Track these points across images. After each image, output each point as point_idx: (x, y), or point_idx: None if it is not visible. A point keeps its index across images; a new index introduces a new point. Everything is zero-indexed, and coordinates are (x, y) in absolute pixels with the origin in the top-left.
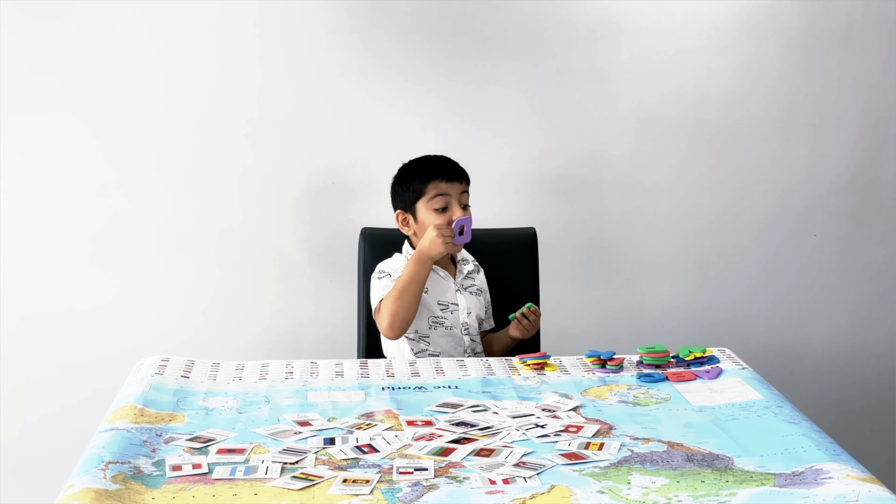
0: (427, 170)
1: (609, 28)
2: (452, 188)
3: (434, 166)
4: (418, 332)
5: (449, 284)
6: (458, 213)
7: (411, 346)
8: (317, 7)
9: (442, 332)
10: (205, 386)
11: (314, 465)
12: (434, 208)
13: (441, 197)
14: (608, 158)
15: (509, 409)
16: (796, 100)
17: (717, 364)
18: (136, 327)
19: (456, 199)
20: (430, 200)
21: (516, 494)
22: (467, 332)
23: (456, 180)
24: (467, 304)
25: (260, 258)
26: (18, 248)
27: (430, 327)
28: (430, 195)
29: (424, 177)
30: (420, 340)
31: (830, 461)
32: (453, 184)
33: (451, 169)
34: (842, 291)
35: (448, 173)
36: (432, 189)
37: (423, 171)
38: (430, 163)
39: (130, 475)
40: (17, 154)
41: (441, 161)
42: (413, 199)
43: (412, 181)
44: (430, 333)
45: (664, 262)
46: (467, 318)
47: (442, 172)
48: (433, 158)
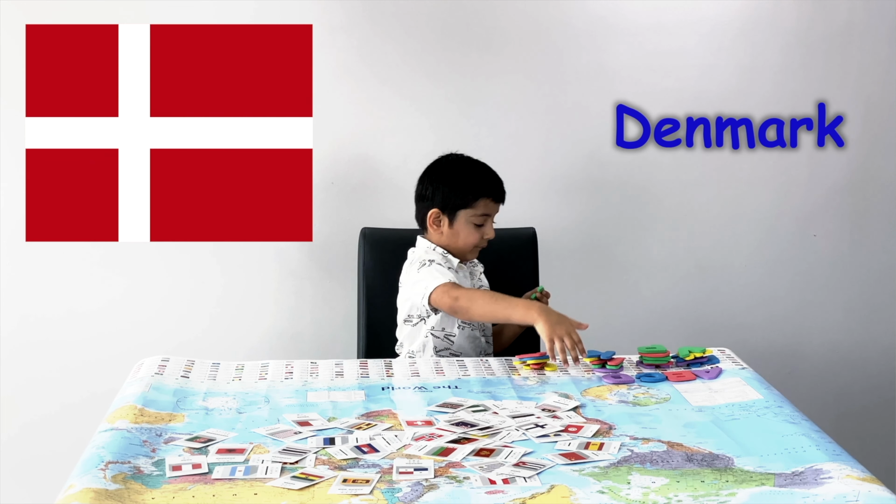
0: (482, 184)
1: (609, 28)
2: (495, 209)
3: (490, 183)
4: (445, 329)
5: (468, 283)
6: (491, 232)
7: (435, 344)
8: (316, 6)
9: (468, 333)
10: (205, 386)
11: (314, 465)
12: (475, 223)
13: (485, 216)
14: (608, 158)
15: (509, 409)
16: (796, 100)
17: (717, 364)
18: (137, 328)
19: (492, 218)
20: (474, 215)
21: (516, 494)
22: (483, 332)
23: (501, 202)
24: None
25: (260, 258)
26: (19, 248)
27: (458, 327)
28: (477, 211)
29: (479, 191)
30: (445, 339)
31: (830, 461)
32: (498, 205)
33: (501, 190)
34: (842, 291)
35: (499, 194)
36: (482, 206)
37: (479, 185)
38: (487, 177)
39: (130, 475)
40: (16, 154)
41: (496, 179)
42: (458, 206)
43: (464, 188)
44: (457, 333)
45: (664, 262)
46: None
47: (495, 192)
48: (489, 173)
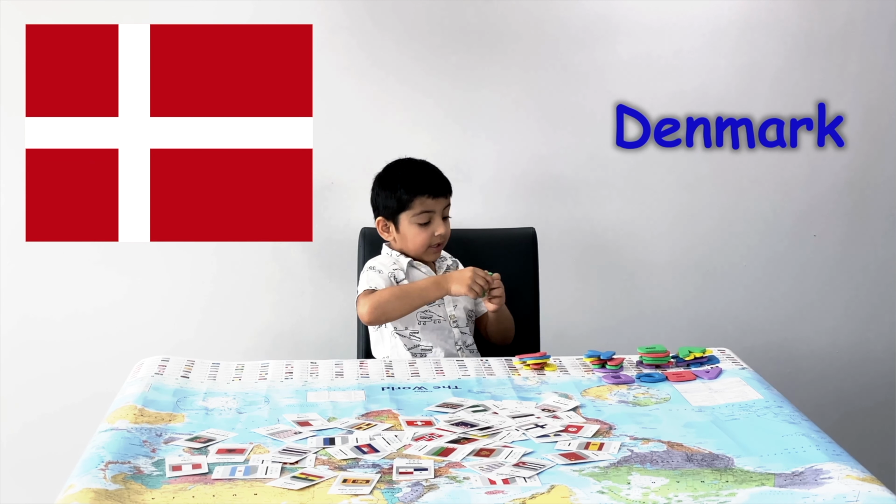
0: (414, 183)
1: (609, 28)
2: (438, 204)
3: (421, 180)
4: (408, 328)
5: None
6: (441, 228)
7: (404, 343)
8: (316, 6)
9: (431, 327)
10: (205, 386)
11: (314, 465)
12: (418, 223)
13: (426, 213)
14: (608, 158)
15: (509, 409)
16: (796, 100)
17: (717, 364)
18: (137, 328)
19: (439, 214)
20: (415, 215)
21: (516, 494)
22: (456, 324)
23: (441, 195)
24: (453, 297)
25: (260, 258)
26: (19, 248)
27: (419, 322)
28: (415, 210)
29: (411, 190)
30: (412, 336)
31: (830, 461)
32: (439, 199)
33: (438, 184)
34: (842, 291)
35: (435, 189)
36: (418, 205)
37: (410, 184)
38: (417, 175)
39: (130, 475)
40: (16, 154)
41: (427, 173)
42: (396, 210)
43: (397, 191)
44: (420, 329)
45: (664, 262)
46: (454, 310)
47: (429, 188)
48: (419, 169)
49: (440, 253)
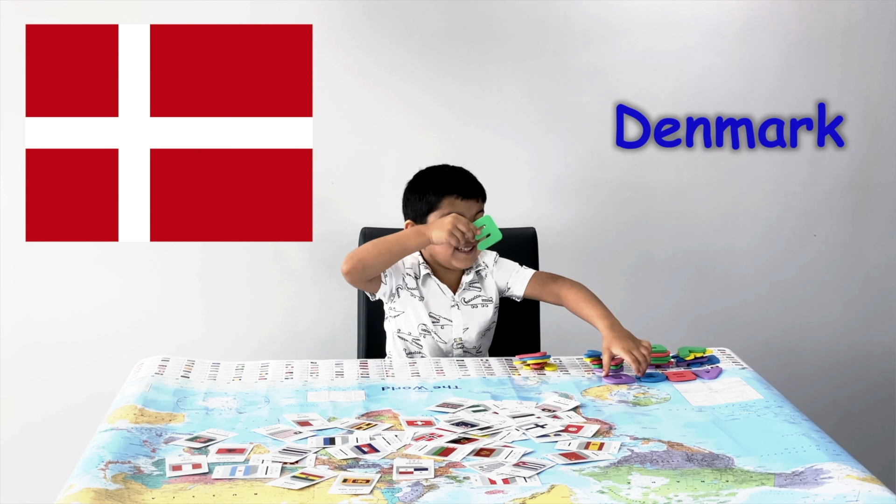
0: (443, 184)
1: (609, 28)
2: (468, 207)
3: (451, 181)
4: (411, 334)
5: (446, 300)
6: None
7: (404, 347)
8: (316, 6)
9: (430, 341)
10: (205, 386)
11: (314, 464)
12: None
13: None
14: (608, 158)
15: (509, 409)
16: (796, 100)
17: (717, 364)
18: (137, 328)
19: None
20: (442, 216)
21: (516, 494)
22: (461, 346)
23: (472, 198)
24: (465, 321)
25: (260, 258)
26: (19, 248)
27: (420, 334)
28: (443, 211)
29: (440, 190)
30: (413, 343)
31: (830, 461)
32: (469, 202)
33: (469, 186)
34: (842, 291)
35: (465, 190)
36: (447, 205)
37: (440, 185)
38: (448, 176)
39: (130, 475)
40: (16, 154)
41: (458, 176)
42: (425, 211)
43: (426, 192)
44: (421, 340)
45: (664, 263)
46: (462, 334)
47: (459, 188)
48: (451, 171)
49: (472, 261)
